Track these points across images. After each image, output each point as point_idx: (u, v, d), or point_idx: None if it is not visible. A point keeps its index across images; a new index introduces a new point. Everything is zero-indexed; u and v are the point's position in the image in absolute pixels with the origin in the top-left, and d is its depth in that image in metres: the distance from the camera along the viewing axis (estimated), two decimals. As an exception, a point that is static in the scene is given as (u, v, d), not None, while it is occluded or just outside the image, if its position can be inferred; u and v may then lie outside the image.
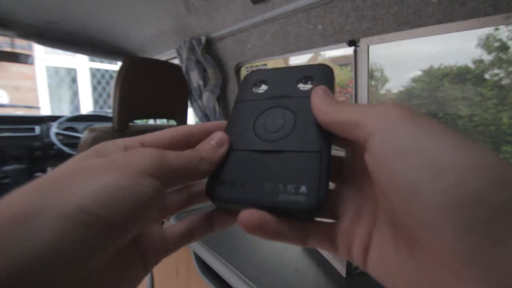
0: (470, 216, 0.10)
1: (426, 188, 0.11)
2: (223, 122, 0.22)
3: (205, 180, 0.19)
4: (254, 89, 0.23)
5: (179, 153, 0.17)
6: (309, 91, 0.20)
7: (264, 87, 0.22)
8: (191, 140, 0.20)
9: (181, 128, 0.20)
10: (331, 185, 0.19)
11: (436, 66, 1.78)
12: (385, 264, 0.15)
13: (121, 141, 0.18)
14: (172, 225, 0.21)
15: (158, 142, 0.19)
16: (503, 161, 0.11)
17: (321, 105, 0.17)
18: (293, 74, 0.22)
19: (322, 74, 0.21)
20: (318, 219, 0.18)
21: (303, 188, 0.16)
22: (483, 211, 0.10)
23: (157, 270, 0.64)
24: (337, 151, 0.20)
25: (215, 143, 0.19)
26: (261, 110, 0.21)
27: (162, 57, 1.54)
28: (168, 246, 0.20)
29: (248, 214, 0.16)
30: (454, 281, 0.11)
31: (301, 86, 0.21)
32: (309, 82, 0.21)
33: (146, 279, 0.65)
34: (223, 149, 0.19)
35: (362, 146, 0.14)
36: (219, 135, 0.19)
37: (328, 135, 0.18)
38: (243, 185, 0.18)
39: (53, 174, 0.14)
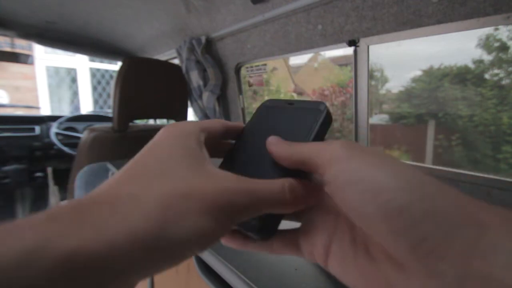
0: (400, 223, 0.13)
1: (368, 207, 0.14)
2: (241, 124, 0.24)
3: None
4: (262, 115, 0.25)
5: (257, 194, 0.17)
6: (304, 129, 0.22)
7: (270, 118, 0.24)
8: (228, 134, 0.23)
9: (224, 121, 0.22)
10: None
11: (436, 66, 1.78)
12: (345, 264, 0.17)
13: (199, 129, 0.19)
14: None
15: (216, 132, 0.21)
16: (426, 180, 0.14)
17: (277, 152, 0.19)
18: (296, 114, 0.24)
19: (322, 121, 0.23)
20: (281, 228, 0.20)
21: (256, 222, 0.18)
22: (409, 219, 0.13)
23: (157, 270, 0.64)
24: None
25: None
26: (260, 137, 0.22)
27: (162, 57, 1.54)
28: None
29: None
30: (401, 273, 0.14)
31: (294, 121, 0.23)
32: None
33: (147, 279, 0.65)
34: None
35: (320, 176, 0.17)
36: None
37: (286, 170, 0.19)
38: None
39: (152, 165, 0.16)
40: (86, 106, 3.69)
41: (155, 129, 1.22)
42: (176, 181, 0.15)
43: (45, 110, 3.29)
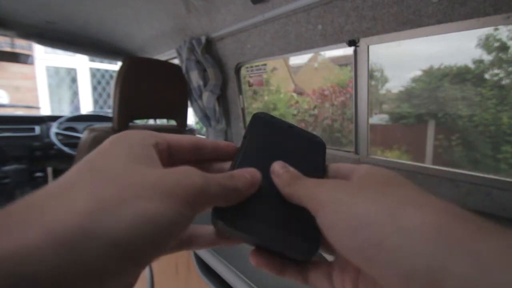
0: (378, 256, 0.13)
1: (349, 242, 0.15)
2: (233, 144, 0.23)
3: None
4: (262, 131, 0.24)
5: (217, 180, 0.17)
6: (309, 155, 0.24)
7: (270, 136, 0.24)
8: (202, 153, 0.21)
9: (198, 138, 0.21)
10: None
11: (436, 66, 1.78)
12: None
13: (153, 138, 0.18)
14: None
15: (180, 146, 0.20)
16: (407, 211, 0.14)
17: (280, 184, 0.20)
18: (297, 143, 0.24)
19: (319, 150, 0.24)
20: (315, 260, 0.20)
21: (304, 242, 0.19)
22: (385, 253, 0.13)
23: (157, 269, 0.64)
24: None
25: (250, 178, 0.19)
26: (275, 151, 0.23)
27: (162, 57, 1.54)
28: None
29: (259, 252, 0.19)
30: None
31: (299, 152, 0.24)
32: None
33: (147, 279, 0.65)
34: (254, 188, 0.19)
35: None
36: (255, 173, 0.19)
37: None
38: (259, 222, 0.19)
39: (104, 174, 0.14)
40: (86, 106, 3.69)
41: (155, 129, 1.23)
42: (111, 174, 0.14)
43: (45, 110, 3.29)
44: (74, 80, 3.65)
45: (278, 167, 0.20)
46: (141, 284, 0.70)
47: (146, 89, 1.11)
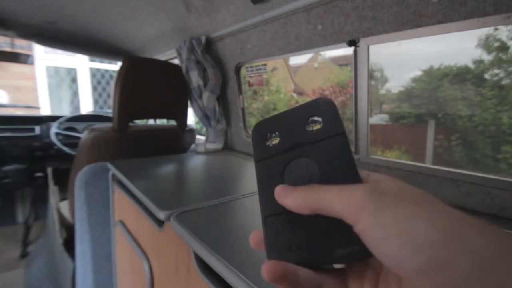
0: (442, 279, 0.13)
1: (408, 263, 0.14)
2: None
3: None
4: (267, 143, 0.22)
5: None
6: (320, 131, 0.20)
7: (276, 139, 0.22)
8: None
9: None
10: None
11: (436, 66, 1.78)
12: None
13: None
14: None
15: None
16: (465, 226, 0.14)
17: (290, 204, 0.19)
18: (299, 117, 0.21)
19: (325, 110, 0.21)
20: (329, 268, 0.19)
21: (354, 239, 0.16)
22: (451, 276, 0.13)
23: (157, 269, 0.64)
24: None
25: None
26: (283, 166, 0.21)
27: (162, 57, 1.54)
28: None
29: (272, 266, 0.17)
30: None
31: (309, 129, 0.21)
32: (316, 122, 0.21)
33: (146, 279, 0.65)
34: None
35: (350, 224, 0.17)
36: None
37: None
38: (299, 248, 0.18)
39: None
40: (86, 106, 3.69)
41: (155, 129, 1.23)
42: None
43: (45, 110, 3.29)
44: (74, 80, 3.65)
45: (278, 193, 0.19)
46: (141, 284, 0.70)
47: (146, 89, 1.11)
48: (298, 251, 0.18)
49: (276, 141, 0.22)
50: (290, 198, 0.18)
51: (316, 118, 0.21)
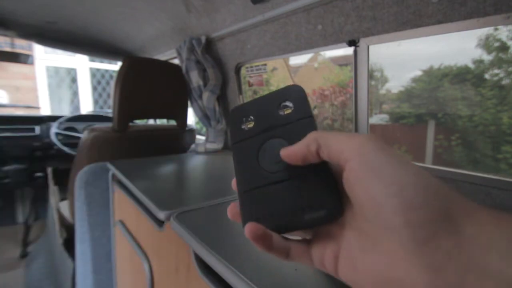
0: (416, 218, 0.15)
1: (390, 198, 0.15)
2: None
3: None
4: (243, 127, 0.24)
5: None
6: (291, 115, 0.23)
7: (251, 123, 0.24)
8: None
9: None
10: None
11: (436, 66, 1.78)
12: (353, 265, 0.18)
13: None
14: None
15: None
16: (438, 181, 0.16)
17: (290, 156, 0.21)
18: (272, 103, 0.24)
19: (295, 96, 0.23)
20: (296, 238, 0.22)
21: (323, 203, 0.19)
22: (424, 214, 0.15)
23: (156, 269, 0.64)
24: None
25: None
26: (258, 146, 0.23)
27: (162, 57, 1.54)
28: None
29: (255, 227, 0.19)
30: (406, 269, 0.15)
31: (282, 112, 0.23)
32: (287, 106, 0.23)
33: (146, 279, 0.65)
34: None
35: (341, 169, 0.19)
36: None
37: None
38: (272, 216, 0.20)
39: None
40: (86, 106, 3.69)
41: (155, 129, 1.23)
42: None
43: (45, 110, 3.29)
44: (74, 80, 3.65)
45: (283, 154, 0.21)
46: (140, 284, 0.70)
47: (146, 89, 1.11)
48: (271, 219, 0.20)
49: (251, 124, 0.24)
50: (298, 146, 0.20)
51: (287, 103, 0.23)
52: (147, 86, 1.11)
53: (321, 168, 0.20)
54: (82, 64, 3.65)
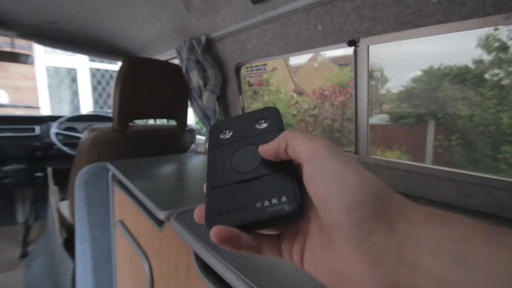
0: (356, 216, 0.16)
1: (334, 199, 0.17)
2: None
3: None
4: (221, 136, 0.27)
5: None
6: (266, 128, 0.25)
7: (229, 133, 0.27)
8: None
9: None
10: None
11: (436, 66, 1.78)
12: (315, 261, 0.20)
13: None
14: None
15: None
16: (378, 182, 0.17)
17: (268, 152, 0.23)
18: (250, 119, 0.27)
19: (271, 114, 0.26)
20: (267, 233, 0.22)
21: (284, 198, 0.20)
22: (363, 213, 0.16)
23: (156, 269, 0.64)
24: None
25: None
26: (232, 152, 0.25)
27: (162, 57, 1.54)
28: None
29: (219, 229, 0.20)
30: (352, 263, 0.17)
31: (258, 126, 0.26)
32: (263, 122, 0.26)
33: (146, 279, 0.65)
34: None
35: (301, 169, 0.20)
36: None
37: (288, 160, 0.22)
38: (236, 210, 0.21)
39: None
40: (86, 106, 3.69)
41: (155, 129, 1.23)
42: None
43: (45, 110, 3.29)
44: (74, 80, 3.65)
45: (260, 149, 0.23)
46: (141, 284, 0.70)
47: (146, 89, 1.11)
48: (235, 213, 0.21)
49: (229, 135, 0.26)
50: (272, 143, 0.22)
51: (263, 120, 0.26)
52: (147, 86, 1.11)
53: (288, 166, 0.22)
54: (82, 64, 3.65)
